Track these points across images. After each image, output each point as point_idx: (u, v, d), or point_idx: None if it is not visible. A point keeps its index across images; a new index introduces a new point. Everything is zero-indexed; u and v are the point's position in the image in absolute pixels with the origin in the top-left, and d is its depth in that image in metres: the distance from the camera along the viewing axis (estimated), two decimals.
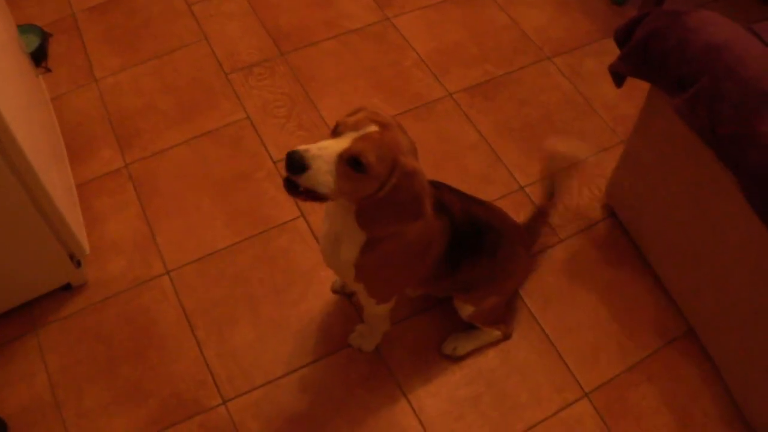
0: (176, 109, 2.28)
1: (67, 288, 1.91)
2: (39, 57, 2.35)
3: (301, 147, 1.21)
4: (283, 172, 1.22)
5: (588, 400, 1.80)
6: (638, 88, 2.32)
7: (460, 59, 2.45)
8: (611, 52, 2.47)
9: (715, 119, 1.50)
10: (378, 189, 1.27)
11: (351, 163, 1.22)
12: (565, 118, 2.31)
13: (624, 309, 1.94)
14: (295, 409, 1.76)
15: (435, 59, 2.45)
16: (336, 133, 1.26)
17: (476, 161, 2.20)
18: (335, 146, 1.22)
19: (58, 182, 1.82)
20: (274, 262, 1.98)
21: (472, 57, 2.46)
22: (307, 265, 1.98)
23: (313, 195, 1.26)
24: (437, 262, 1.55)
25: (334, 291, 1.94)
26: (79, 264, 1.86)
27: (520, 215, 1.93)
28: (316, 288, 1.94)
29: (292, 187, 1.25)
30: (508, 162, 2.20)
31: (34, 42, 2.36)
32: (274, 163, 2.15)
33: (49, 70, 2.36)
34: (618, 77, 1.77)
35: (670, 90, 1.62)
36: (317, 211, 2.06)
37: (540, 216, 1.85)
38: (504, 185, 2.15)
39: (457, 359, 1.84)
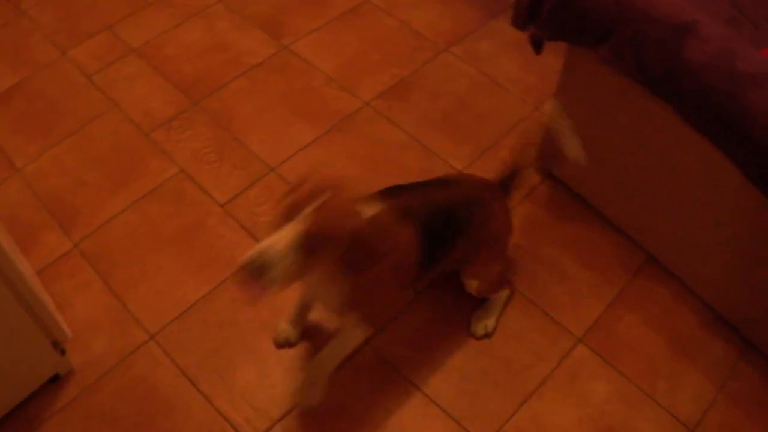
0: (107, 179, 2.24)
1: (55, 380, 1.85)
2: None
3: (255, 249, 1.24)
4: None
5: (583, 344, 1.93)
6: (535, 59, 2.51)
7: (365, 69, 2.55)
8: (500, 31, 2.66)
9: (641, 60, 1.66)
10: (342, 249, 1.35)
11: (311, 240, 1.28)
12: (479, 101, 2.45)
13: (586, 255, 2.09)
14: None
15: (342, 74, 2.53)
16: (288, 217, 1.30)
17: (412, 158, 2.30)
18: (289, 233, 1.26)
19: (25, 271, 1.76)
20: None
21: (375, 64, 2.56)
22: (286, 293, 2.00)
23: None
24: (417, 262, 1.61)
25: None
26: (63, 352, 1.81)
27: None
28: None
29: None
30: (441, 152, 2.31)
31: None
32: (222, 206, 2.16)
33: None
34: (537, 45, 1.91)
35: (591, 44, 1.77)
36: None
37: (516, 174, 1.86)
38: (446, 172, 2.25)
39: (491, 335, 1.93)
